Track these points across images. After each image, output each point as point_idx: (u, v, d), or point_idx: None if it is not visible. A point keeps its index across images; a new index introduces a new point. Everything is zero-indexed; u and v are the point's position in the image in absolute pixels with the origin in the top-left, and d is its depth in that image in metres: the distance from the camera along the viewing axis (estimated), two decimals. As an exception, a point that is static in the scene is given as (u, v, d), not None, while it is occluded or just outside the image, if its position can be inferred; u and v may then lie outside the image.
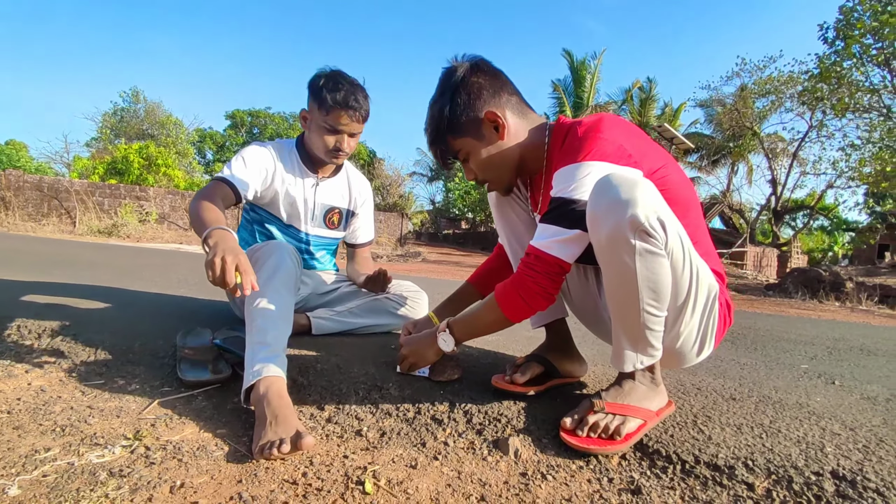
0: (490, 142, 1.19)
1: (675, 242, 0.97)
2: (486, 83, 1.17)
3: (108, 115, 26.44)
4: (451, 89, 1.17)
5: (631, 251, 0.95)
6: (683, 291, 1.03)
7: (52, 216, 15.06)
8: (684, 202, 1.12)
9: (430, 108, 1.22)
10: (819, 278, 8.92)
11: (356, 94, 1.56)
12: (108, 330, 1.60)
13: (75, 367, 1.37)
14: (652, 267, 0.96)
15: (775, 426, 1.16)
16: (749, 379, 1.60)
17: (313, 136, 1.62)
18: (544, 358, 1.33)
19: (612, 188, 0.94)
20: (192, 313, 1.96)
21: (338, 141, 1.60)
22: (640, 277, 0.97)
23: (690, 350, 1.13)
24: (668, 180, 1.11)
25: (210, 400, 1.25)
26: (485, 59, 1.21)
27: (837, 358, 2.11)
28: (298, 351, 1.49)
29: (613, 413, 1.08)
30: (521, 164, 1.23)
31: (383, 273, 1.71)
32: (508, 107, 1.19)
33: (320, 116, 1.57)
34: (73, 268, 3.58)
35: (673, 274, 0.99)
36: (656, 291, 0.99)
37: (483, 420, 1.16)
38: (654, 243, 0.95)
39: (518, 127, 1.20)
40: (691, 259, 1.02)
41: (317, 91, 1.56)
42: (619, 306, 1.04)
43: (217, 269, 1.06)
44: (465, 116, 1.17)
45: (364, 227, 1.93)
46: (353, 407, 1.22)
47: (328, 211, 1.79)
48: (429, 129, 1.23)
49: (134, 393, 1.26)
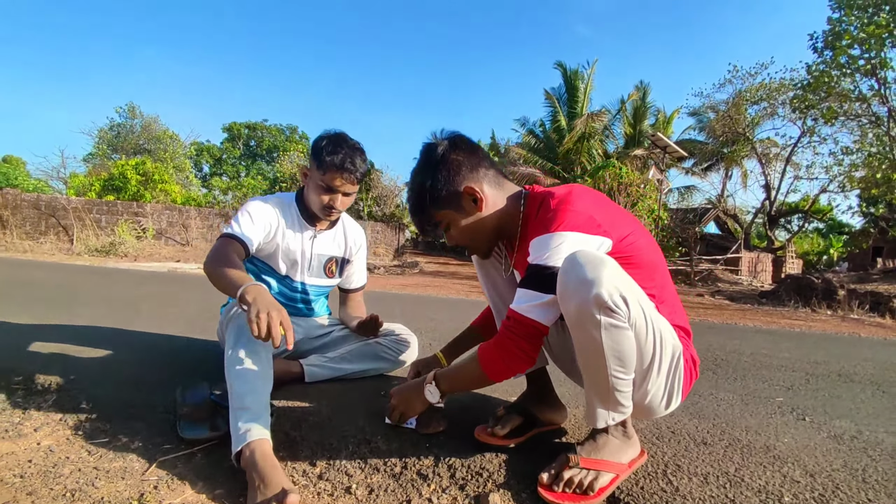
0: (469, 213, 1.28)
1: (638, 314, 1.06)
2: (464, 159, 1.26)
3: (105, 130, 26.58)
4: (433, 165, 1.26)
5: (597, 325, 1.03)
6: (648, 356, 1.11)
7: (49, 234, 15.10)
8: (650, 266, 1.21)
9: (412, 181, 1.31)
10: (811, 286, 9.01)
11: (353, 157, 1.68)
12: (110, 382, 1.68)
13: (81, 425, 1.45)
14: (616, 339, 1.05)
15: (739, 475, 1.23)
16: (723, 418, 1.68)
17: (311, 193, 1.73)
18: (524, 408, 1.41)
19: (579, 267, 1.02)
20: (190, 359, 2.03)
21: (331, 199, 1.70)
22: (606, 348, 1.05)
23: (659, 405, 1.20)
24: (635, 246, 1.20)
25: (209, 457, 1.32)
26: (463, 136, 1.30)
27: (814, 387, 2.19)
28: (291, 402, 1.56)
29: (587, 468, 1.16)
30: (499, 231, 1.32)
31: (375, 319, 1.78)
32: (485, 180, 1.28)
33: (318, 175, 1.68)
34: (73, 303, 3.66)
35: (637, 342, 1.08)
36: (622, 359, 1.07)
37: (466, 475, 1.23)
38: (618, 318, 1.03)
39: (495, 198, 1.29)
40: (654, 326, 1.10)
41: (317, 152, 1.68)
42: (589, 372, 1.13)
43: (263, 325, 1.17)
44: (446, 191, 1.26)
45: (358, 273, 2.01)
46: (343, 462, 1.29)
47: (327, 261, 1.87)
48: (412, 201, 1.32)
49: (137, 451, 1.33)
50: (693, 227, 17.28)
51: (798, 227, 26.19)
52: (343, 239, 1.93)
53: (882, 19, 9.08)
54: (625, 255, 1.16)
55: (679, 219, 19.82)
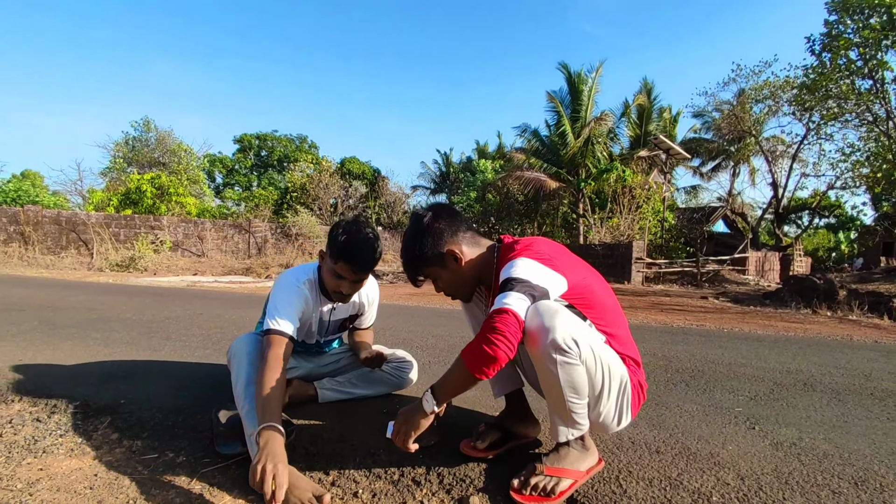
0: (452, 269, 1.56)
1: (588, 353, 1.32)
2: (445, 227, 1.55)
3: (121, 144, 27.27)
4: (420, 233, 1.55)
5: (554, 363, 1.30)
6: (598, 385, 1.37)
7: (70, 249, 15.64)
8: (602, 306, 1.48)
9: (404, 245, 1.60)
10: (814, 287, 9.13)
11: (366, 252, 1.74)
12: (154, 406, 1.98)
13: (134, 443, 1.74)
14: (570, 373, 1.31)
15: (679, 479, 1.49)
16: (681, 428, 1.93)
17: (325, 275, 1.83)
18: (501, 424, 1.69)
19: (539, 316, 1.29)
20: (220, 382, 2.33)
21: (346, 287, 1.80)
22: (562, 381, 1.32)
23: (611, 423, 1.47)
24: (590, 289, 1.47)
25: (241, 468, 1.60)
26: (444, 205, 1.61)
27: (776, 397, 2.42)
28: (309, 421, 1.84)
29: (550, 475, 1.42)
30: (478, 279, 1.60)
31: (380, 356, 2.01)
32: (464, 242, 1.56)
33: (331, 262, 1.77)
34: (106, 327, 4.00)
35: (588, 375, 1.34)
36: (575, 389, 1.34)
37: (452, 481, 1.50)
38: (570, 356, 1.29)
39: (472, 254, 1.57)
40: (602, 361, 1.36)
41: (332, 241, 1.76)
42: (551, 398, 1.40)
43: (257, 477, 1.30)
44: (432, 253, 1.54)
45: (368, 318, 2.17)
46: (351, 471, 1.56)
47: (343, 321, 2.06)
48: (405, 260, 1.61)
49: (182, 465, 1.62)
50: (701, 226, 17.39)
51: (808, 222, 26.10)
52: (357, 298, 2.04)
53: (876, 23, 9.21)
54: (579, 296, 1.43)
55: (687, 218, 19.92)
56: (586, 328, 1.36)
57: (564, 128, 18.92)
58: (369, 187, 27.14)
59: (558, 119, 19.72)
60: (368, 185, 27.29)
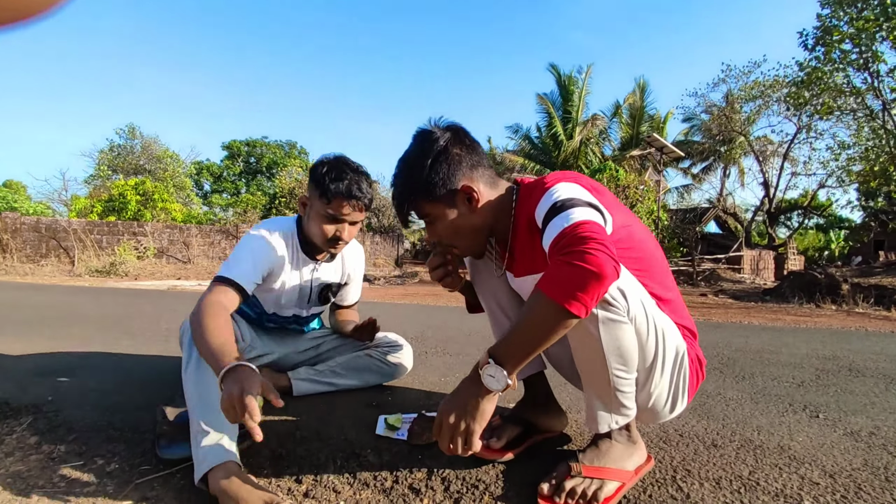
0: (461, 212, 1.19)
1: (637, 308, 0.99)
2: (465, 155, 1.17)
3: (105, 151, 26.66)
4: (432, 156, 1.15)
5: (594, 320, 0.96)
6: (651, 354, 1.03)
7: (50, 257, 15.09)
8: (648, 258, 1.13)
9: (404, 167, 1.19)
10: (815, 281, 8.91)
11: (360, 182, 1.51)
12: (89, 404, 1.60)
13: (55, 448, 1.37)
14: (616, 334, 0.98)
15: (754, 478, 1.16)
16: (733, 418, 1.60)
17: (312, 225, 1.54)
18: (521, 417, 1.33)
19: None
20: (173, 377, 1.95)
21: (338, 230, 1.52)
22: (605, 345, 0.98)
23: (663, 408, 1.13)
24: (634, 237, 1.11)
25: (188, 477, 1.24)
26: (464, 129, 1.22)
27: (825, 383, 2.10)
28: (278, 417, 1.48)
29: (590, 477, 1.08)
30: (490, 230, 1.23)
31: (373, 322, 1.69)
32: (482, 180, 1.20)
33: (321, 205, 1.50)
34: (58, 324, 3.59)
35: (638, 338, 1.00)
36: (623, 357, 1.00)
37: (461, 487, 1.15)
38: (616, 311, 0.96)
39: (489, 196, 1.20)
40: (655, 322, 1.02)
41: (319, 179, 1.50)
42: (588, 372, 1.05)
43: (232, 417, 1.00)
44: (442, 186, 1.16)
45: (353, 291, 1.87)
46: (330, 478, 1.21)
47: (323, 288, 1.74)
48: (400, 188, 1.20)
49: (112, 474, 1.25)
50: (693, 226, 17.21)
51: (798, 223, 26.06)
52: (341, 265, 1.77)
53: (871, 13, 9.07)
54: (622, 246, 1.06)
55: (679, 219, 19.76)
56: (633, 279, 1.02)
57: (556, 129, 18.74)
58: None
59: (549, 121, 19.57)
60: (358, 189, 26.86)
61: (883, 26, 9.08)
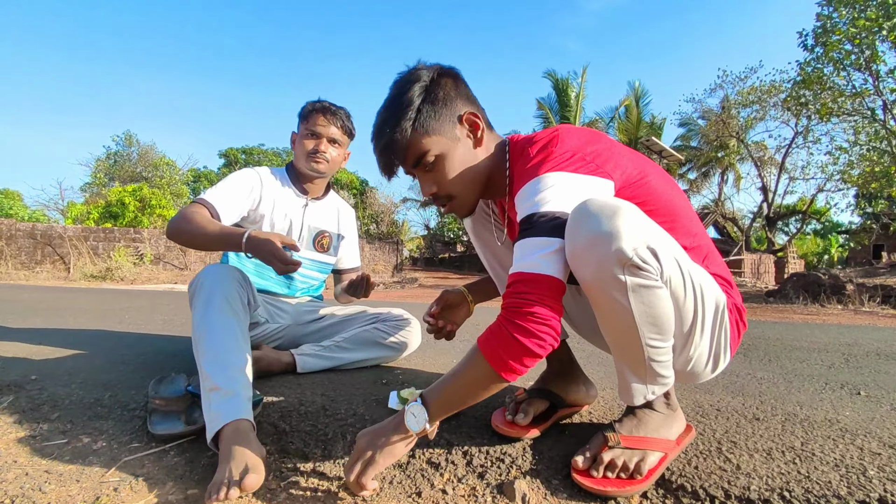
0: (465, 147, 1.04)
1: (672, 268, 0.85)
2: (460, 87, 1.05)
3: (102, 160, 26.55)
4: (423, 84, 1.00)
5: (622, 288, 0.82)
6: (689, 317, 0.91)
7: (45, 263, 14.92)
8: (670, 210, 1.00)
9: (389, 104, 1.02)
10: (819, 282, 8.83)
11: (334, 105, 1.68)
12: (75, 381, 1.49)
13: (37, 427, 1.25)
14: (649, 301, 0.84)
15: (808, 448, 1.05)
16: (770, 395, 1.49)
17: (297, 148, 1.69)
18: (547, 390, 1.21)
19: (590, 219, 0.81)
20: (170, 356, 1.84)
21: (317, 143, 1.64)
22: (637, 314, 0.84)
23: (704, 369, 1.01)
24: (648, 187, 0.99)
25: (183, 454, 1.13)
26: (454, 68, 1.08)
27: (856, 365, 2.00)
28: (280, 394, 1.37)
29: (630, 447, 0.97)
30: (488, 183, 1.09)
31: (366, 277, 1.60)
32: (482, 116, 1.08)
33: (302, 126, 1.67)
34: (51, 315, 3.46)
35: (675, 302, 0.87)
36: (658, 325, 0.87)
37: (485, 461, 1.04)
38: (648, 276, 0.82)
39: (489, 141, 1.08)
40: (692, 280, 0.89)
41: (302, 109, 1.69)
42: (619, 344, 0.92)
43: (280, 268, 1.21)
44: (441, 111, 1.00)
45: (351, 252, 1.90)
46: (340, 454, 1.10)
47: (318, 234, 1.74)
48: (389, 124, 1.00)
49: (99, 452, 1.14)
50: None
51: (797, 228, 26.05)
52: (336, 214, 1.83)
53: (871, 13, 9.07)
54: (639, 201, 0.94)
55: (678, 224, 19.66)
56: (663, 232, 0.88)
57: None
58: (357, 197, 26.60)
59: (547, 125, 19.57)
60: (357, 195, 26.78)
61: (884, 26, 9.08)
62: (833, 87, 10.70)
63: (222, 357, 1.12)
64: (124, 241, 16.14)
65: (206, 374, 1.10)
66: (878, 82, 10.22)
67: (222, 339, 1.15)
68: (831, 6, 10.02)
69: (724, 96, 20.21)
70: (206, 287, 1.23)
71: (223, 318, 1.19)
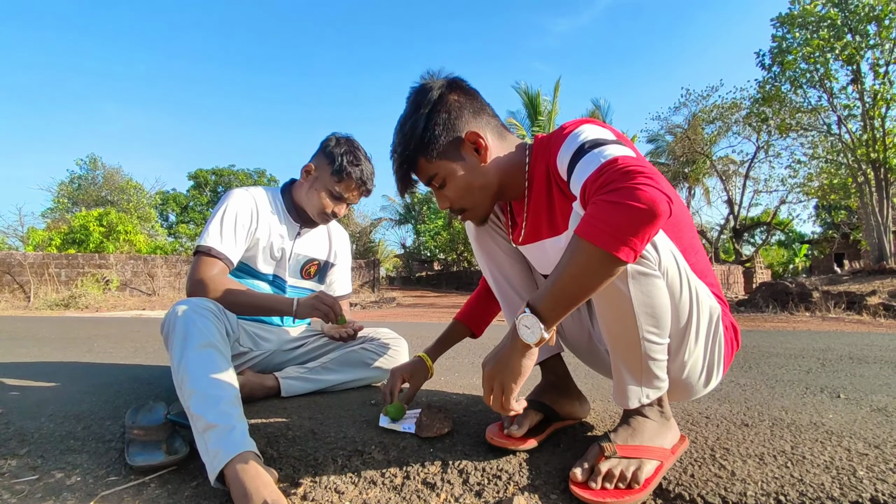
0: (470, 165, 1.08)
1: (669, 261, 0.89)
2: (466, 102, 1.08)
3: (65, 184, 25.76)
4: (429, 106, 1.05)
5: (623, 275, 0.85)
6: (685, 314, 0.94)
7: (4, 292, 14.27)
8: (677, 220, 1.02)
9: (400, 127, 1.09)
10: (787, 290, 9.12)
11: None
12: (45, 414, 1.41)
13: (4, 463, 1.18)
14: (647, 290, 0.87)
15: (798, 452, 1.06)
16: (755, 401, 1.51)
17: (312, 194, 1.58)
18: (541, 403, 1.20)
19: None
20: (146, 384, 1.77)
21: (337, 208, 1.59)
22: (636, 302, 0.88)
23: (697, 380, 1.03)
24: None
25: (165, 486, 1.08)
26: (462, 78, 1.12)
27: (832, 369, 2.06)
28: (266, 419, 1.32)
29: (627, 457, 0.97)
30: (501, 190, 1.13)
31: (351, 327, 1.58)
32: (489, 129, 1.10)
33: (330, 181, 1.55)
34: (13, 344, 3.29)
35: (671, 295, 0.90)
36: (655, 316, 0.90)
37: (481, 479, 1.02)
38: (647, 264, 0.86)
39: (498, 150, 1.10)
40: (688, 279, 0.93)
41: (333, 157, 1.55)
42: (617, 337, 0.94)
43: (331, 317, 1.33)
44: (445, 137, 1.05)
45: (341, 279, 1.82)
46: (331, 478, 1.06)
47: (306, 263, 1.68)
48: (399, 151, 1.08)
49: (73, 488, 1.07)
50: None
51: (762, 239, 26.95)
52: (327, 241, 1.75)
53: (823, 33, 9.61)
54: None
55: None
56: (660, 231, 0.91)
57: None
58: (334, 218, 26.41)
59: (521, 142, 19.82)
60: (331, 215, 26.57)
61: (835, 46, 9.60)
62: (791, 103, 11.22)
63: (210, 393, 1.07)
64: (89, 266, 15.60)
65: (197, 415, 1.05)
66: (832, 98, 10.77)
67: (206, 375, 1.11)
68: (785, 28, 10.57)
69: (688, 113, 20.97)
70: (179, 326, 1.18)
71: (202, 353, 1.14)
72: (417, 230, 26.82)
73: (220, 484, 0.98)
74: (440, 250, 24.20)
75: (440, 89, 1.07)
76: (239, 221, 1.48)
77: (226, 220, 1.45)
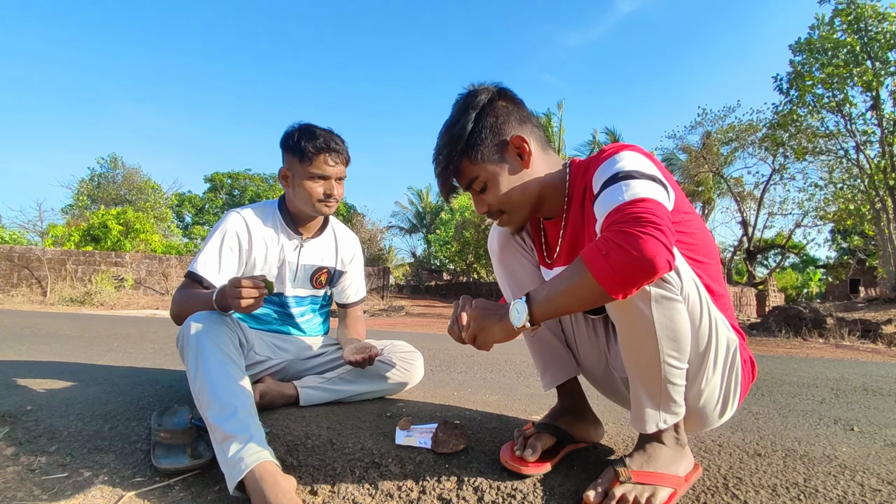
0: (513, 170, 1.10)
1: (691, 288, 0.92)
2: (513, 109, 1.12)
3: (86, 181, 26.27)
4: (476, 110, 1.09)
5: (646, 298, 0.88)
6: (703, 341, 0.96)
7: (22, 286, 14.52)
8: (704, 251, 1.05)
9: (446, 130, 1.11)
10: (800, 315, 9.00)
11: (334, 137, 1.54)
12: (73, 413, 1.45)
13: (35, 460, 1.22)
14: (669, 314, 0.90)
15: (811, 485, 1.07)
16: (767, 430, 1.52)
17: (299, 191, 1.54)
18: (556, 427, 1.22)
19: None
20: (168, 388, 1.81)
21: (327, 187, 1.54)
22: (658, 326, 0.90)
23: (713, 410, 1.05)
24: (692, 224, 1.05)
25: (189, 489, 1.12)
26: (509, 88, 1.15)
27: (846, 400, 2.05)
28: (286, 428, 1.36)
29: (641, 483, 0.99)
30: (539, 202, 1.15)
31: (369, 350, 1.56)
32: (533, 137, 1.12)
33: (303, 168, 1.51)
34: (36, 341, 3.37)
35: (691, 321, 0.93)
36: (676, 340, 0.93)
37: (496, 497, 1.05)
38: (670, 288, 0.89)
39: (541, 160, 1.13)
40: (709, 307, 0.96)
41: (293, 145, 1.52)
42: (638, 360, 0.97)
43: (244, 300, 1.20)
44: (490, 139, 1.08)
45: (354, 285, 1.82)
46: (349, 488, 1.09)
47: (315, 272, 1.69)
48: (444, 152, 1.10)
49: (101, 487, 1.12)
50: (676, 263, 17.40)
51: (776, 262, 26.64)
52: (334, 248, 1.74)
53: (840, 60, 9.57)
54: (680, 230, 0.99)
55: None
56: (683, 259, 0.94)
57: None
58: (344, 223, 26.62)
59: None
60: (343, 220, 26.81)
61: (853, 72, 9.56)
62: (808, 127, 11.16)
63: (227, 403, 1.11)
64: (105, 264, 15.84)
65: (215, 425, 1.09)
66: (851, 124, 10.70)
67: (222, 386, 1.15)
68: (803, 53, 10.55)
69: (704, 133, 20.89)
70: (193, 339, 1.23)
71: (217, 364, 1.18)
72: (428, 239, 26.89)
73: (239, 492, 1.02)
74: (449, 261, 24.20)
75: (489, 94, 1.10)
76: (226, 244, 1.51)
77: (211, 246, 1.50)
